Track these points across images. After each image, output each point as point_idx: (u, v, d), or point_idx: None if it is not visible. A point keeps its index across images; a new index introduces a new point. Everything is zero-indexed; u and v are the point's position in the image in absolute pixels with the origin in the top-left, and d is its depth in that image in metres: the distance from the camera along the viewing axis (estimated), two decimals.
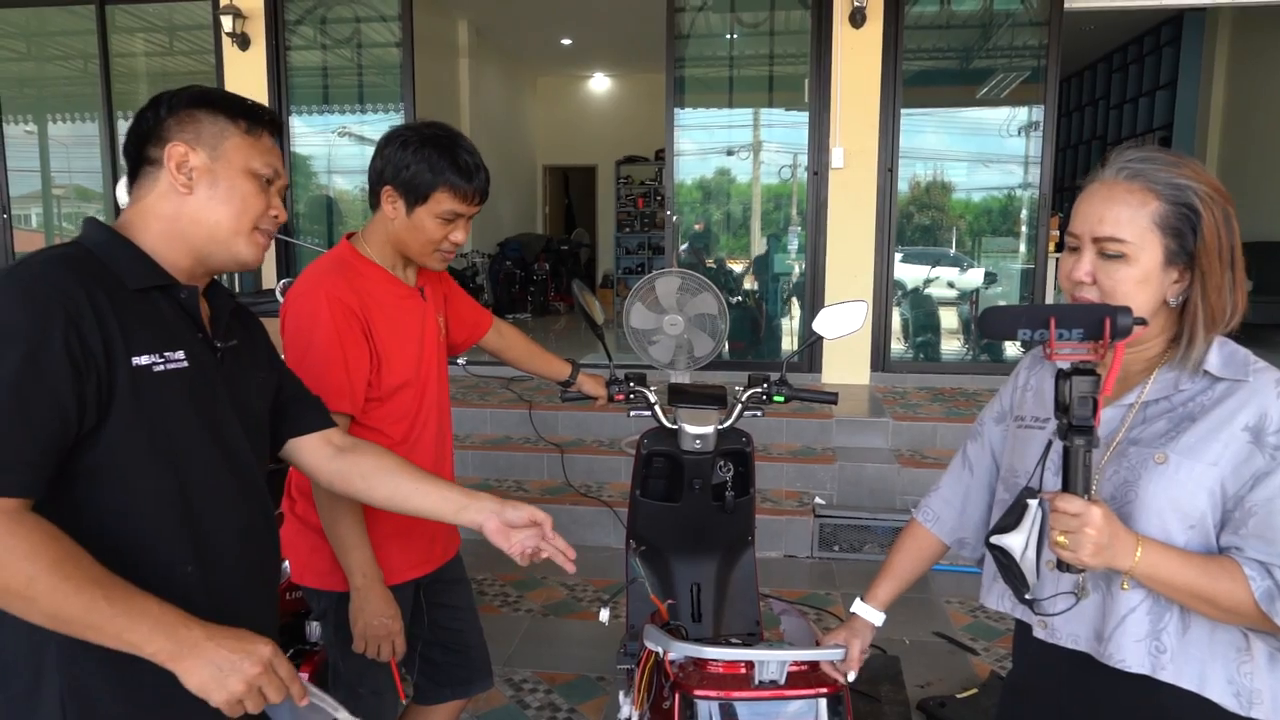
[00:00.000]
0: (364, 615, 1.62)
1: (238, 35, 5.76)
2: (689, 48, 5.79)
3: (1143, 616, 1.14)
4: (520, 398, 4.97)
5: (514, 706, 2.72)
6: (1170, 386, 1.16)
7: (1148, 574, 1.08)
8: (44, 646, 1.05)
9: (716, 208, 6.23)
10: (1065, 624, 1.21)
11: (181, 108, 1.15)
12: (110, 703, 1.09)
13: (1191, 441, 1.12)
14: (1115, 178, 1.16)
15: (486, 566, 3.74)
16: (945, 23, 5.65)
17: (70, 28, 6.39)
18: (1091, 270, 1.16)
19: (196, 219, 1.15)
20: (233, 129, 1.17)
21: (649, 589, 2.00)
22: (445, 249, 1.69)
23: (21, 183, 6.53)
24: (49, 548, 0.95)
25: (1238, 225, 1.15)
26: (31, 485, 0.98)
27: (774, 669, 1.39)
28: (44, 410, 0.98)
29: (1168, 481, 1.11)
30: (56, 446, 1.00)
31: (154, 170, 1.15)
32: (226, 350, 1.21)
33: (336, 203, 6.55)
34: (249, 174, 1.18)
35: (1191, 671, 1.13)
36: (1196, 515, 1.10)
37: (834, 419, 4.61)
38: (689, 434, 1.95)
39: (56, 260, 1.06)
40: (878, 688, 2.75)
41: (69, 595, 0.94)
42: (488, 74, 9.24)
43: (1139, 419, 1.18)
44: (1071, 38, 6.28)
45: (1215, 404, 1.12)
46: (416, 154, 1.61)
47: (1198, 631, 1.13)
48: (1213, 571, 1.07)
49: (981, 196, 6.00)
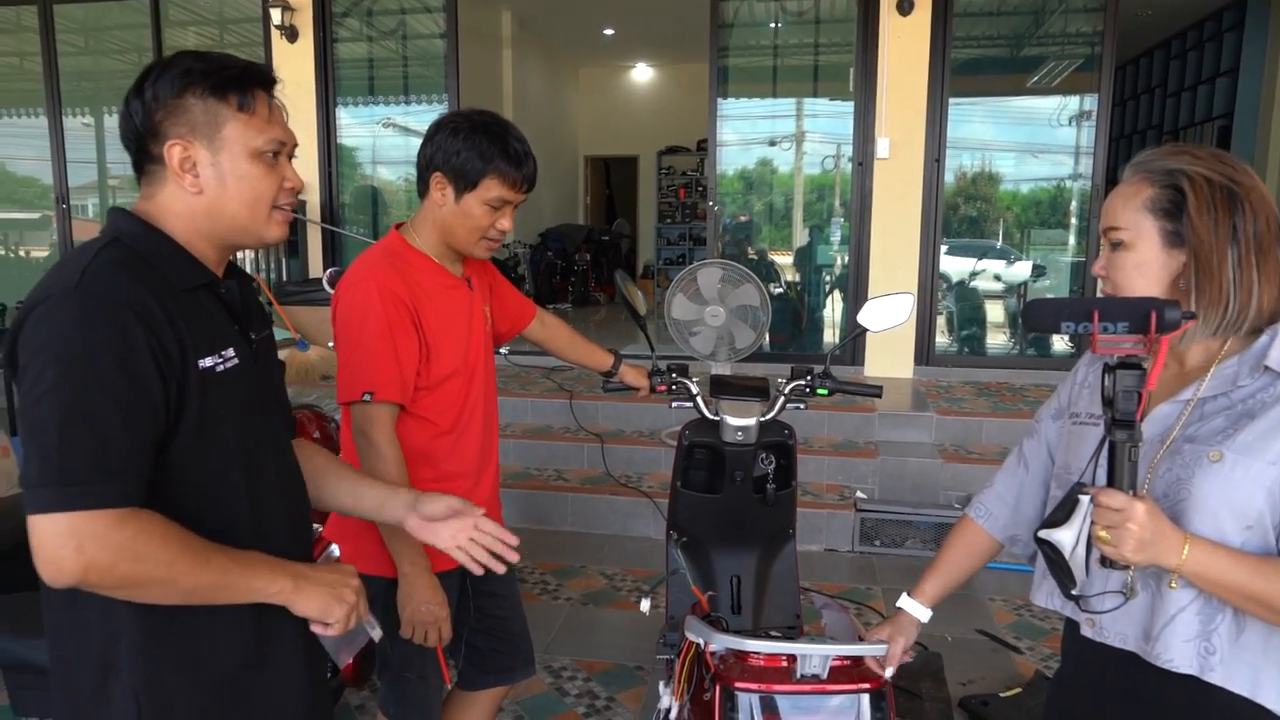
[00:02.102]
0: (411, 602, 1.64)
1: (286, 28, 5.85)
2: (732, 37, 5.74)
3: (1192, 617, 1.11)
4: (561, 387, 4.99)
5: (553, 694, 2.75)
6: (1229, 382, 1.13)
7: (1196, 573, 1.05)
8: (114, 643, 1.08)
9: (758, 198, 6.19)
10: (1113, 623, 1.20)
11: (169, 98, 1.09)
12: (183, 694, 1.12)
13: (1249, 439, 1.08)
14: (1128, 176, 1.20)
15: (527, 554, 3.75)
16: (996, 9, 5.52)
17: (126, 22, 6.55)
18: (1105, 264, 1.20)
19: (213, 215, 1.13)
20: (226, 110, 1.11)
21: (690, 580, 2.00)
22: (492, 236, 1.70)
23: (79, 173, 6.72)
24: (174, 533, 1.03)
25: (1261, 210, 1.11)
26: (143, 489, 1.02)
27: (817, 663, 1.38)
28: (144, 416, 1.02)
29: (1223, 480, 1.08)
30: (154, 449, 1.04)
31: (159, 169, 1.12)
32: (260, 340, 1.23)
33: (381, 193, 6.63)
34: (254, 156, 1.13)
35: (1244, 675, 1.10)
36: (1254, 515, 1.07)
37: (876, 413, 4.56)
38: (731, 425, 1.94)
39: (114, 266, 1.05)
40: (919, 684, 2.72)
41: (204, 568, 1.04)
42: (530, 65, 9.27)
43: (1195, 415, 1.15)
44: (1127, 24, 6.11)
45: (1276, 401, 1.09)
46: (467, 140, 1.62)
47: (1253, 635, 1.10)
48: (1267, 573, 1.04)
49: (1030, 188, 5.88)
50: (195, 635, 1.12)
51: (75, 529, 0.96)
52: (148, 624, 1.08)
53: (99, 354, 0.98)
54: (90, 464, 0.97)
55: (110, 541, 0.97)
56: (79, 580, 0.98)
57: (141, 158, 1.13)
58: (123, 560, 0.98)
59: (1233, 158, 1.15)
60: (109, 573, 0.98)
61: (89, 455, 0.97)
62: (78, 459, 0.97)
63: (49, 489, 0.96)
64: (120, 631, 1.07)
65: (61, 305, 1.00)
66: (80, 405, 0.97)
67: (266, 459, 1.20)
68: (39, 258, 7.22)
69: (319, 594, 1.14)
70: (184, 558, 1.02)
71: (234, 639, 1.15)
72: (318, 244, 6.16)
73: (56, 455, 0.96)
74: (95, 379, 0.98)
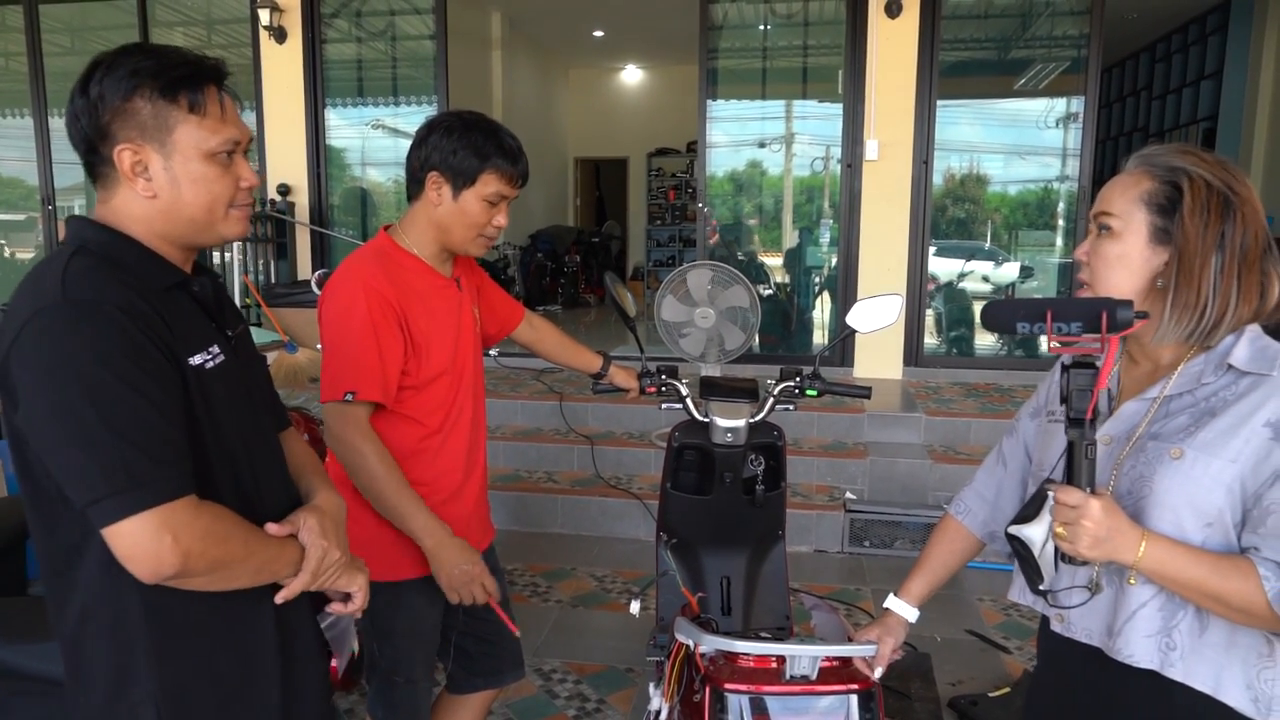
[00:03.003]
0: (444, 570, 1.66)
1: (275, 29, 5.82)
2: (722, 39, 5.75)
3: (1154, 613, 1.13)
4: (551, 389, 4.99)
5: (543, 696, 2.74)
6: (1194, 380, 1.14)
7: (1153, 570, 1.07)
8: (130, 650, 1.08)
9: (748, 200, 6.20)
10: (1080, 618, 1.22)
11: (117, 100, 1.05)
12: (201, 695, 1.12)
13: (1210, 437, 1.09)
14: (1130, 167, 1.20)
15: (518, 557, 3.76)
16: (983, 12, 5.55)
17: (112, 22, 6.51)
18: (1089, 249, 1.20)
19: (170, 217, 1.10)
20: (176, 112, 1.06)
21: (679, 581, 2.00)
22: (488, 233, 1.72)
23: (65, 175, 6.67)
24: (234, 514, 1.07)
25: (1252, 224, 1.12)
26: (191, 478, 1.03)
27: (806, 664, 1.39)
28: (175, 405, 1.03)
29: (1183, 477, 1.09)
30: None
31: (110, 171, 1.08)
32: (237, 336, 1.22)
33: (370, 194, 6.61)
34: (208, 157, 1.09)
35: (1205, 672, 1.11)
36: (1213, 512, 1.08)
37: (866, 413, 4.57)
38: (720, 427, 1.94)
39: (90, 271, 1.03)
40: (908, 685, 2.73)
41: (268, 544, 1.11)
42: (520, 66, 9.26)
43: (1162, 413, 1.16)
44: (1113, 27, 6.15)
45: (1238, 399, 1.10)
46: (462, 138, 1.64)
47: (1216, 633, 1.11)
48: (1224, 570, 1.05)
49: (1018, 189, 5.91)
50: (213, 636, 1.12)
51: (166, 522, 0.98)
52: (164, 629, 1.08)
53: (111, 358, 0.98)
54: (154, 459, 0.98)
55: (197, 527, 1.00)
56: (179, 571, 0.99)
57: (92, 159, 1.09)
58: (212, 543, 1.01)
59: (1236, 168, 1.16)
60: (202, 557, 1.01)
61: (149, 452, 0.98)
62: (139, 458, 0.97)
63: (123, 494, 0.96)
64: (134, 640, 1.07)
65: (55, 320, 0.98)
66: (119, 409, 0.97)
67: (260, 454, 1.20)
68: (24, 259, 7.17)
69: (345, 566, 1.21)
70: (251, 533, 1.08)
71: (253, 638, 1.16)
72: (306, 246, 6.14)
73: (118, 460, 0.96)
74: (119, 381, 0.98)
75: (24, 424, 1.00)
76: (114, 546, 0.98)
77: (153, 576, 1.00)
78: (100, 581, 1.05)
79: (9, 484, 3.11)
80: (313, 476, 1.33)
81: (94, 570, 1.05)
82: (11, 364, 0.99)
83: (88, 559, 1.05)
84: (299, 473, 1.32)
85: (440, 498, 1.74)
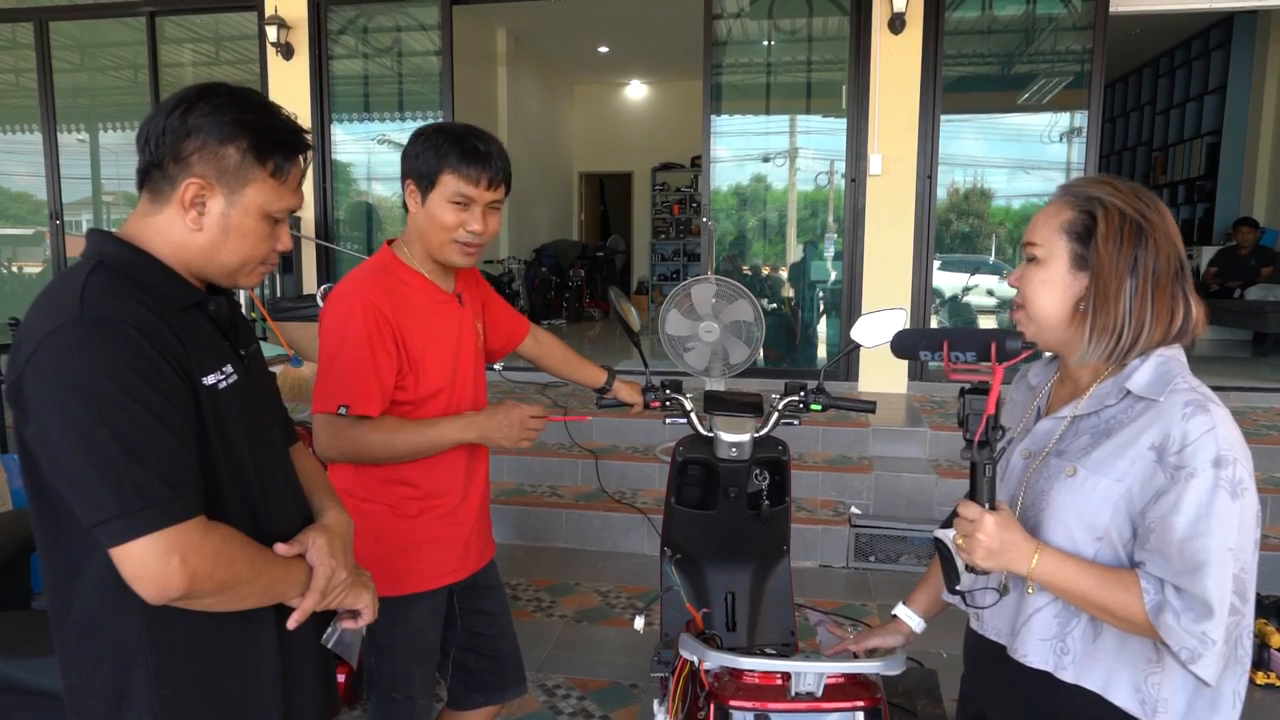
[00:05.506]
0: (496, 439, 1.70)
1: (282, 45, 5.88)
2: (726, 54, 5.78)
3: (1049, 619, 1.22)
4: (555, 404, 4.99)
5: (547, 712, 2.73)
6: (1100, 402, 1.22)
7: (1045, 579, 1.15)
8: (127, 670, 1.08)
9: (753, 214, 6.21)
10: (991, 618, 1.32)
11: (211, 141, 1.06)
12: (201, 714, 1.12)
13: (1101, 457, 1.17)
14: (1054, 198, 1.28)
15: (522, 571, 3.75)
16: (987, 28, 5.57)
17: (122, 39, 6.57)
18: (1019, 276, 1.29)
19: (204, 256, 1.11)
20: (258, 170, 1.09)
21: (684, 597, 1.99)
22: (462, 239, 1.68)
23: (74, 190, 6.72)
24: (242, 535, 1.07)
25: (1164, 249, 1.18)
26: (201, 498, 1.03)
27: (811, 680, 1.37)
28: (187, 426, 1.03)
29: (1074, 494, 1.18)
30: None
31: (167, 189, 1.09)
32: (249, 355, 1.23)
33: (376, 209, 6.64)
34: (264, 217, 1.12)
35: (1097, 675, 1.19)
36: (1101, 527, 1.16)
37: (870, 428, 4.56)
38: (725, 441, 1.94)
39: (109, 288, 1.03)
40: (914, 701, 2.71)
41: (275, 564, 1.11)
42: (525, 82, 9.31)
43: (1071, 431, 1.24)
44: (1117, 42, 6.17)
45: (1130, 421, 1.17)
46: (427, 143, 1.65)
47: (1108, 640, 1.18)
48: (1109, 582, 1.13)
49: (1022, 204, 5.91)
50: (215, 655, 1.12)
51: (176, 543, 0.98)
52: (164, 647, 1.08)
53: (126, 378, 0.98)
54: (165, 480, 0.98)
55: (206, 548, 1.00)
56: (185, 592, 0.99)
57: (155, 173, 1.09)
58: (219, 565, 1.01)
59: (1151, 195, 1.23)
60: (210, 579, 1.01)
61: (160, 473, 0.98)
62: (151, 479, 0.97)
63: (134, 514, 0.96)
64: (134, 658, 1.07)
65: (72, 337, 0.98)
66: (132, 430, 0.97)
67: (272, 471, 1.20)
68: (32, 273, 7.21)
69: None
70: (259, 554, 1.08)
71: (255, 654, 1.15)
72: (312, 260, 6.17)
73: (128, 480, 0.96)
74: (133, 401, 0.98)
75: (35, 440, 1.00)
76: (121, 567, 0.98)
77: (159, 598, 0.99)
78: (101, 598, 1.05)
79: (15, 498, 3.11)
80: (322, 494, 1.33)
81: (95, 586, 1.05)
82: (26, 379, 0.99)
83: (90, 574, 1.05)
84: (308, 490, 1.32)
85: (438, 514, 1.74)
